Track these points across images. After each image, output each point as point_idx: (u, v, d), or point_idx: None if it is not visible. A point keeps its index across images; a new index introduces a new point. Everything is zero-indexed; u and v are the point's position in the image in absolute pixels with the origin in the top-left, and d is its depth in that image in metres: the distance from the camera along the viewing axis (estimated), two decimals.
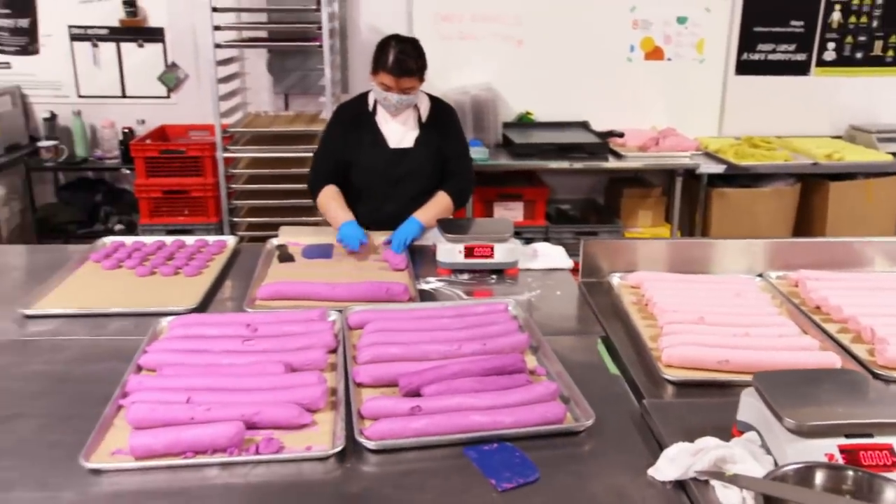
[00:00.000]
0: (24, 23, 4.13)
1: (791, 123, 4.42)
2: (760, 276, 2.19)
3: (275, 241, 2.48)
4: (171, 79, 4.27)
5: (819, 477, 1.17)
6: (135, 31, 4.18)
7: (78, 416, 1.47)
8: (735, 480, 1.19)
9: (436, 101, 2.62)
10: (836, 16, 4.35)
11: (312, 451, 1.36)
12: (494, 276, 2.26)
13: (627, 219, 4.09)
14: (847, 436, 1.23)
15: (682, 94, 4.30)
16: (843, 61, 4.43)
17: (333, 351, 1.72)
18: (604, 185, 4.41)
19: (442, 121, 2.59)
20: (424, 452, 1.38)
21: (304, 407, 1.46)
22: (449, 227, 2.32)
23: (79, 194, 4.20)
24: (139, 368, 1.64)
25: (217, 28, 3.56)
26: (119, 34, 4.19)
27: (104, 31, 4.18)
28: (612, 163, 3.87)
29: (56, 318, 1.94)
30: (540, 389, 1.52)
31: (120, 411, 1.47)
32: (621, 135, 3.97)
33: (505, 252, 2.25)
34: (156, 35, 4.21)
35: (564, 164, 3.79)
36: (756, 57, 4.34)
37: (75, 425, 1.43)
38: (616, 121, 4.18)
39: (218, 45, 3.60)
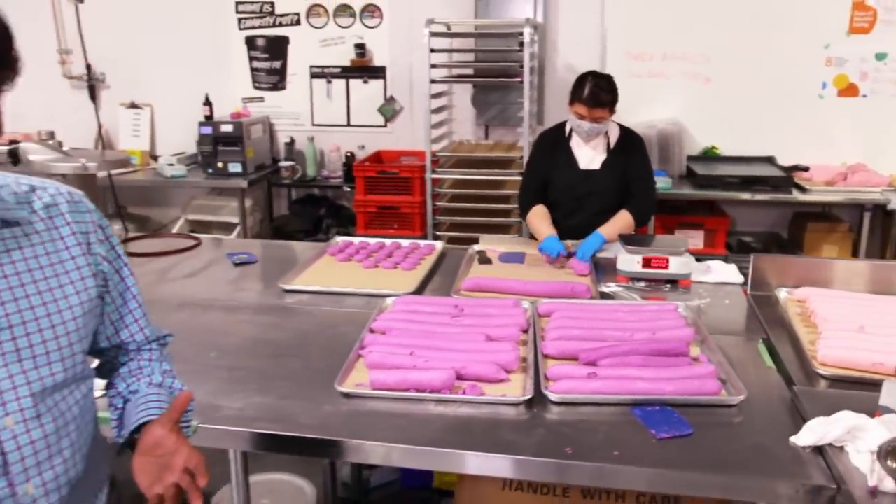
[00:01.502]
0: (277, 64, 4.95)
1: None
2: None
3: (475, 247, 2.90)
4: (389, 110, 4.90)
5: None
6: (362, 69, 4.86)
7: (328, 359, 1.94)
8: None
9: (625, 130, 2.94)
10: None
11: (507, 398, 1.72)
12: (668, 286, 2.51)
13: (811, 253, 4.12)
14: None
15: (876, 131, 4.26)
16: None
17: (525, 332, 2.08)
18: (788, 219, 4.45)
19: (629, 147, 2.90)
20: (597, 408, 1.69)
21: (501, 367, 1.83)
22: (629, 240, 2.61)
23: (307, 208, 4.91)
24: (372, 331, 2.09)
25: (433, 66, 4.10)
26: (349, 72, 4.89)
27: (337, 70, 4.90)
28: (795, 195, 3.95)
29: (306, 293, 2.46)
30: (699, 369, 1.78)
31: (359, 359, 1.92)
32: (806, 169, 4.03)
33: (679, 264, 2.51)
34: (378, 73, 4.86)
35: (746, 196, 3.93)
36: None
37: (327, 364, 1.89)
38: (803, 156, 4.23)
39: (433, 81, 4.14)
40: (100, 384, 1.30)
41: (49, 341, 1.12)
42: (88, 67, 5.03)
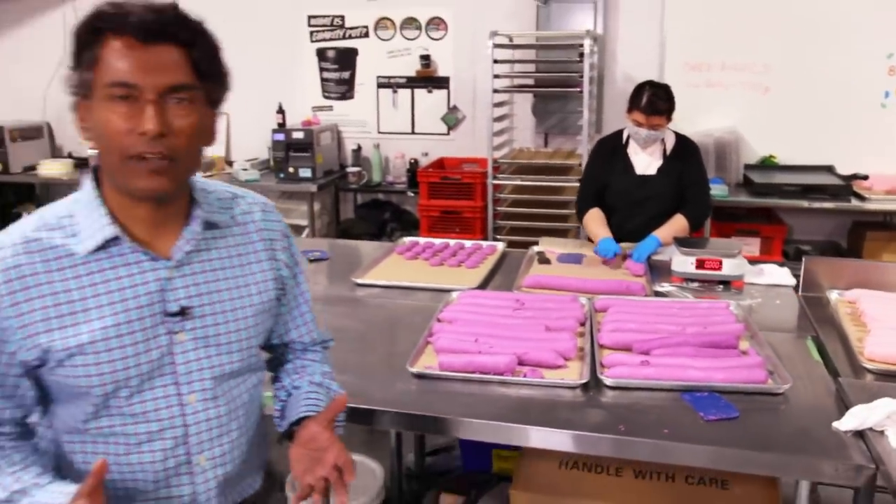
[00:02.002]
0: (345, 75, 5.19)
1: None
2: None
3: (535, 248, 3.05)
4: (452, 119, 5.08)
5: None
6: (427, 80, 5.06)
7: (398, 346, 2.11)
8: None
9: (681, 138, 3.05)
10: None
11: (564, 381, 1.86)
12: (721, 287, 2.61)
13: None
14: None
15: None
16: None
17: (582, 324, 2.22)
18: (847, 228, 4.46)
19: (684, 154, 3.02)
20: (649, 393, 1.82)
21: (560, 354, 1.97)
22: (684, 243, 2.72)
23: (372, 212, 5.13)
24: (439, 321, 2.26)
25: (496, 76, 4.27)
26: (414, 82, 5.09)
27: (403, 80, 5.11)
28: (854, 204, 3.97)
29: (376, 287, 2.65)
30: (748, 360, 1.89)
31: (428, 346, 2.08)
32: (865, 177, 4.05)
33: (732, 266, 2.60)
34: (442, 83, 5.05)
35: (802, 203, 3.98)
36: None
37: (398, 350, 2.06)
38: (864, 165, 4.24)
39: (495, 91, 4.30)
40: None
41: (231, 332, 1.27)
42: None
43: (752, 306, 2.43)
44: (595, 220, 3.02)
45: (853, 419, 1.61)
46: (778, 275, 2.70)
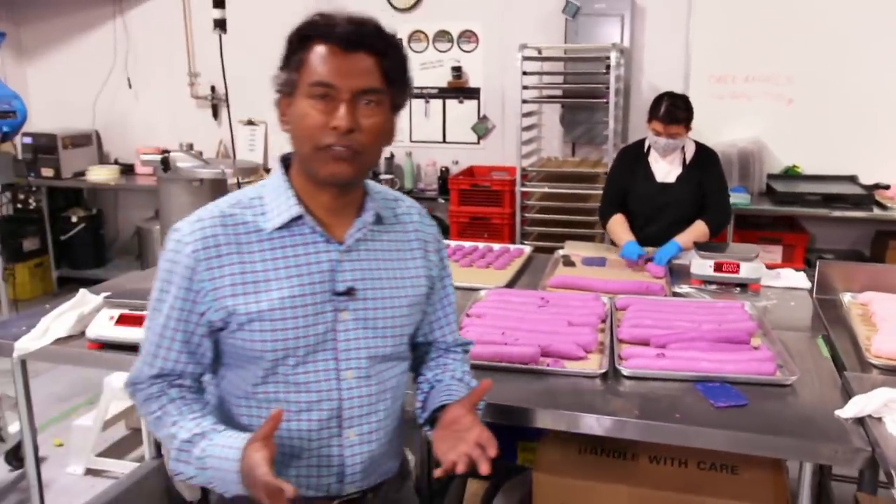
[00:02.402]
0: None
1: None
2: None
3: (561, 252, 3.19)
4: (482, 129, 5.25)
5: None
6: (458, 90, 5.24)
7: None
8: None
9: (700, 147, 3.18)
10: None
11: (585, 371, 2.00)
12: (738, 289, 2.73)
13: None
14: None
15: None
16: None
17: (603, 321, 2.35)
18: (870, 237, 4.53)
19: (704, 163, 3.14)
20: (664, 383, 1.95)
21: (581, 346, 2.11)
22: (703, 247, 2.84)
23: None
24: (468, 315, 2.40)
25: (525, 88, 4.42)
26: (446, 93, 5.27)
27: (434, 91, 5.30)
28: (876, 213, 4.05)
29: None
30: (758, 354, 2.01)
31: None
32: (887, 187, 4.14)
33: (749, 269, 2.72)
34: (473, 94, 5.22)
35: (824, 212, 4.07)
36: None
37: None
38: (887, 175, 4.33)
39: (524, 101, 4.46)
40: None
41: (387, 318, 1.38)
42: (213, 88, 5.61)
43: (767, 307, 2.55)
44: (619, 225, 3.16)
45: (853, 407, 1.72)
46: (794, 279, 2.81)
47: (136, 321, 2.18)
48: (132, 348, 2.15)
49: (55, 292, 5.57)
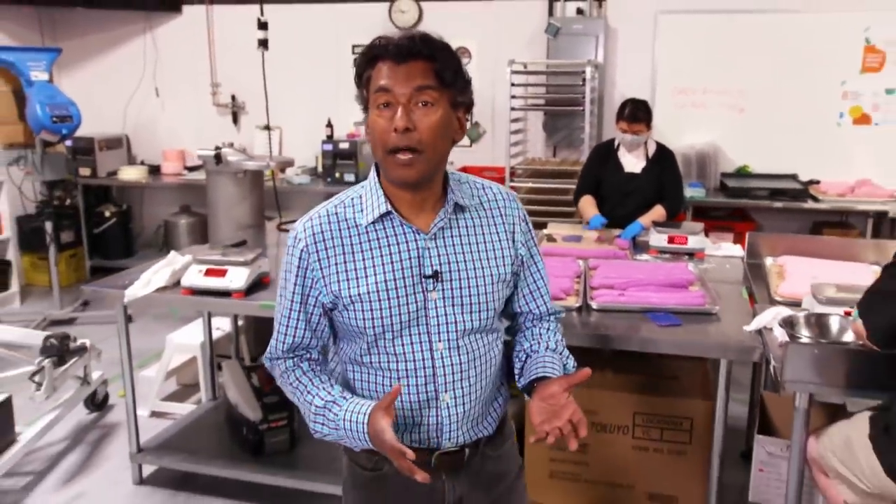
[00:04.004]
0: None
1: None
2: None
3: (544, 231, 3.86)
4: (474, 133, 5.92)
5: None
6: None
7: None
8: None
9: (661, 146, 3.89)
10: None
11: (564, 305, 2.66)
12: (687, 257, 3.42)
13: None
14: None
15: (885, 153, 5.05)
16: None
17: (578, 277, 3.02)
18: (809, 227, 5.25)
19: (663, 159, 3.85)
20: (623, 314, 2.62)
21: (563, 290, 2.77)
22: (660, 225, 3.53)
23: None
24: None
25: (513, 97, 5.13)
26: None
27: None
28: (810, 204, 4.79)
29: None
30: (694, 293, 2.70)
31: None
32: (818, 182, 4.88)
33: (695, 241, 3.41)
34: None
35: (767, 203, 4.80)
36: None
37: None
38: (823, 174, 5.07)
39: (512, 109, 5.16)
40: None
41: (473, 296, 1.50)
42: (233, 97, 6.25)
43: (707, 269, 3.24)
44: (587, 203, 3.87)
45: (755, 323, 2.41)
46: (732, 249, 3.52)
47: (219, 273, 2.85)
48: (215, 293, 2.83)
49: (87, 280, 6.14)
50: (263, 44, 3.95)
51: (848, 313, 2.28)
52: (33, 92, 4.75)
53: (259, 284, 2.93)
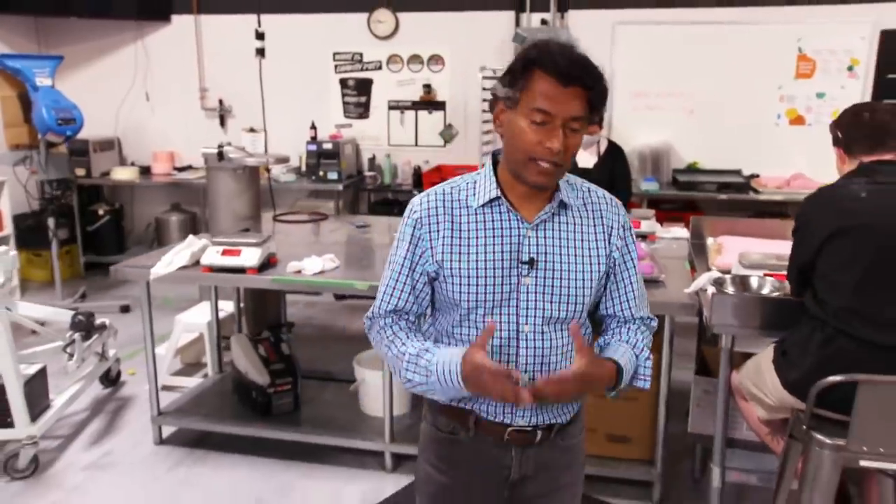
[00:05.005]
0: (363, 99, 6.49)
1: None
2: None
3: None
4: (448, 134, 6.40)
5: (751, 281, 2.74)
6: (428, 103, 6.37)
7: None
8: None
9: (611, 143, 4.39)
10: None
11: None
12: (640, 239, 3.91)
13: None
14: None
15: (817, 150, 5.59)
16: None
17: None
18: (751, 216, 5.80)
19: (614, 155, 4.35)
20: None
21: None
22: None
23: (384, 208, 6.38)
24: None
25: (484, 101, 5.58)
26: (418, 106, 6.39)
27: (408, 104, 6.42)
28: (751, 196, 5.34)
29: None
30: (644, 264, 3.18)
31: None
32: (757, 176, 5.44)
33: (647, 225, 3.91)
34: (440, 106, 6.36)
35: (714, 195, 5.34)
36: None
37: None
38: (763, 169, 5.63)
39: (483, 111, 5.62)
40: None
41: (563, 288, 1.55)
42: (220, 101, 6.63)
43: (657, 248, 3.74)
44: None
45: (693, 285, 2.90)
46: (679, 232, 4.02)
47: (234, 252, 3.26)
48: (231, 270, 3.24)
49: (82, 276, 6.46)
50: (261, 52, 4.35)
51: (767, 275, 2.79)
52: (39, 96, 5.10)
53: (267, 264, 3.34)
